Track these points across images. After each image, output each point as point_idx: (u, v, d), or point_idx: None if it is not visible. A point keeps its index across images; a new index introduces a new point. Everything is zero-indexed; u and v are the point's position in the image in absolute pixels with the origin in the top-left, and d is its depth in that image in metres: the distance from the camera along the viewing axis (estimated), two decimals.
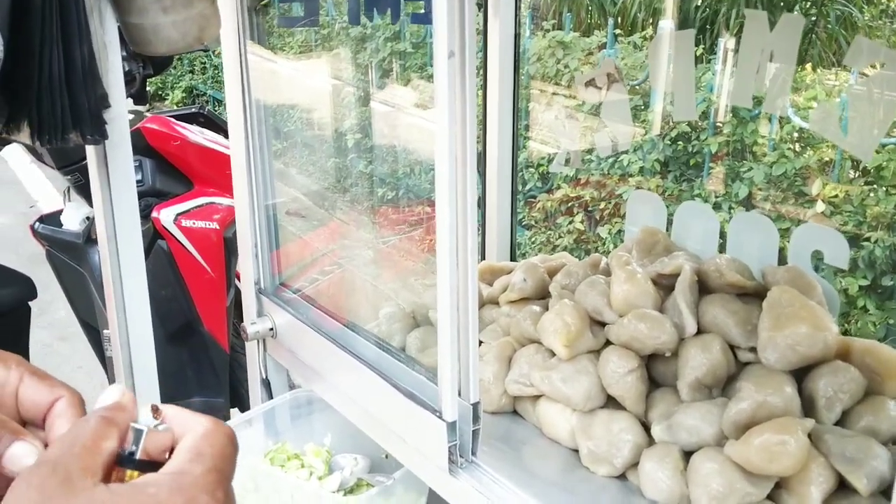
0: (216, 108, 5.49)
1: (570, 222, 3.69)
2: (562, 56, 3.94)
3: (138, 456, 0.41)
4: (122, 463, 0.41)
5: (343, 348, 0.92)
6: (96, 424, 0.42)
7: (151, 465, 0.42)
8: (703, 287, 0.91)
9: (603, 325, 0.91)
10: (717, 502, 0.74)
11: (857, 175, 3.07)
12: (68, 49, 0.76)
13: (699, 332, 0.87)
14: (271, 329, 1.05)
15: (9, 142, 1.41)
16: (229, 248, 2.42)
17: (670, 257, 0.95)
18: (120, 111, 0.91)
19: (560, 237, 3.79)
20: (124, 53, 1.07)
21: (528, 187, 3.83)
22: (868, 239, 2.77)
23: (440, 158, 0.69)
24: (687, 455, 0.79)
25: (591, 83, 1.13)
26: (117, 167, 0.95)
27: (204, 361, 2.41)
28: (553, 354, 0.90)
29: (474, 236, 0.71)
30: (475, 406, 0.77)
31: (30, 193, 5.09)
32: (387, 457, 0.97)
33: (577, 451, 0.86)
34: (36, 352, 2.31)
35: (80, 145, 2.33)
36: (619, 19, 4.63)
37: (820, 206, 2.91)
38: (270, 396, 1.10)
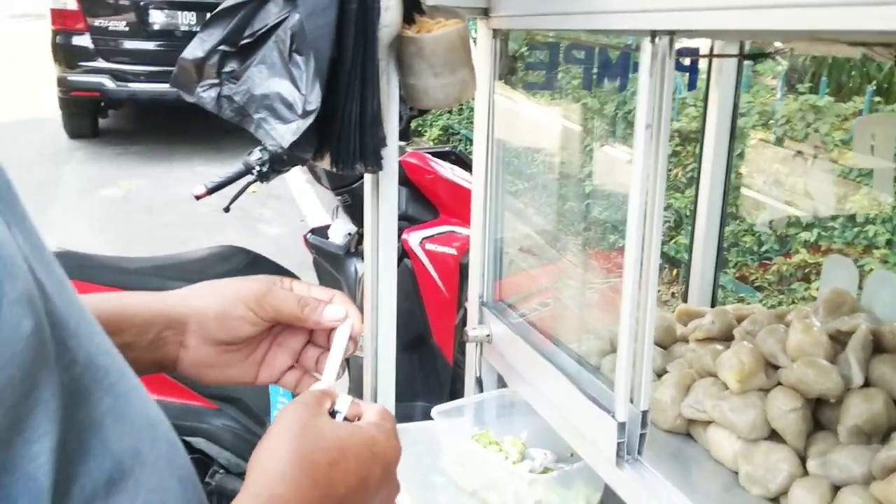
0: (467, 147, 5.94)
1: (806, 289, 3.58)
2: (812, 120, 3.85)
3: (343, 416, 0.60)
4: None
5: (546, 358, 1.11)
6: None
7: None
8: (878, 347, 0.99)
9: (776, 368, 1.01)
10: None
11: None
12: (364, 101, 1.03)
13: (867, 385, 0.95)
14: (488, 335, 1.26)
15: (301, 163, 1.72)
16: (463, 273, 2.70)
17: (852, 317, 1.04)
18: (393, 150, 1.17)
19: (793, 302, 3.69)
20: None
21: (763, 248, 3.78)
22: None
23: (631, 212, 0.86)
24: (835, 489, 0.88)
25: (798, 154, 1.23)
26: (386, 193, 1.21)
27: (430, 370, 2.69)
28: (727, 388, 1.03)
29: (656, 269, 0.87)
30: (644, 413, 0.92)
31: (301, 209, 5.80)
32: (572, 455, 1.13)
33: (736, 473, 0.97)
34: None
35: (354, 173, 2.74)
36: (885, 86, 4.41)
37: None
38: (481, 392, 1.31)
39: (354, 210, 2.82)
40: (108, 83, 6.72)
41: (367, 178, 1.24)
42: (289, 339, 0.73)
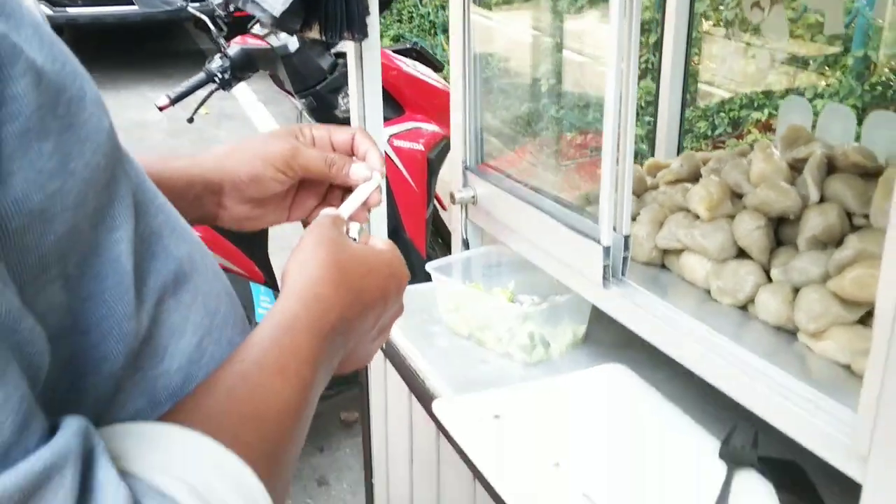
0: None
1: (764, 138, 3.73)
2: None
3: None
4: None
5: (533, 206, 1.20)
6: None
7: None
8: (832, 169, 1.09)
9: (741, 197, 1.12)
10: (814, 321, 0.94)
11: None
12: None
13: (822, 201, 1.06)
14: (473, 196, 1.35)
15: (290, 32, 1.71)
16: (431, 167, 2.77)
17: (807, 146, 1.14)
18: (374, 20, 1.23)
19: None
20: None
21: (717, 132, 3.90)
22: None
23: (609, 55, 0.94)
24: (796, 291, 1.00)
25: (756, 4, 1.31)
26: (369, 62, 1.27)
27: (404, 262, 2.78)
28: (697, 218, 1.13)
29: (632, 116, 0.96)
30: (626, 238, 1.02)
31: (256, 127, 5.76)
32: (559, 295, 1.24)
33: (708, 291, 1.08)
34: (276, 245, 2.74)
35: (315, 73, 2.75)
36: None
37: None
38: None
39: (319, 113, 2.86)
40: (44, 9, 6.50)
41: (350, 51, 1.29)
42: (315, 182, 0.78)
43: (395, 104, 2.74)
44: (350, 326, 0.60)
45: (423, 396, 1.15)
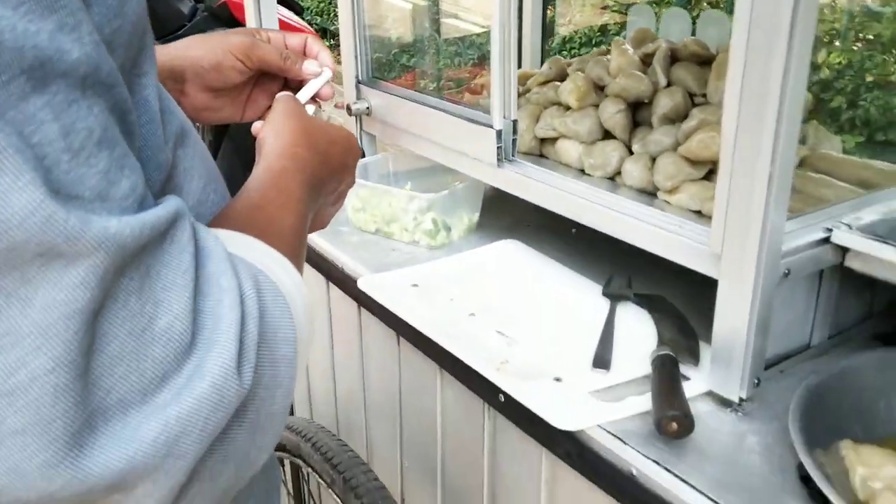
0: None
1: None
2: None
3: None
4: None
5: (426, 105, 1.34)
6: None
7: None
8: (675, 59, 1.31)
9: (603, 88, 1.32)
10: (669, 180, 1.15)
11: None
12: None
13: (669, 86, 1.27)
14: (368, 107, 1.48)
15: None
16: None
17: (654, 43, 1.35)
18: None
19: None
20: None
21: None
22: (864, 99, 3.10)
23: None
24: (653, 160, 1.21)
25: None
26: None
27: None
28: (568, 109, 1.32)
29: (514, 18, 1.12)
30: (514, 122, 1.20)
31: None
32: (457, 183, 1.40)
33: (582, 170, 1.28)
34: None
35: (175, 18, 2.75)
36: None
37: (825, 73, 3.22)
38: None
39: None
40: None
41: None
42: (268, 83, 0.86)
43: None
44: (320, 184, 0.69)
45: (343, 280, 1.29)
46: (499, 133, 1.19)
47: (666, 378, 0.90)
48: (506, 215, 1.45)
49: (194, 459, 0.43)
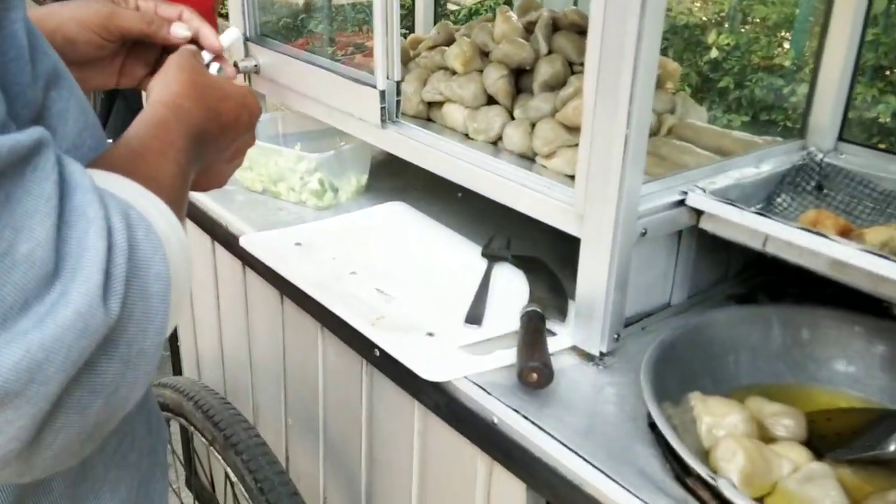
0: None
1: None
2: None
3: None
4: None
5: (313, 65, 1.34)
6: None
7: None
8: (556, 28, 1.35)
9: (488, 55, 1.34)
10: (547, 145, 1.19)
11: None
12: None
13: (550, 54, 1.31)
14: (256, 65, 1.47)
15: None
16: None
17: (537, 11, 1.38)
18: None
19: None
20: None
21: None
22: (750, 80, 3.25)
23: None
24: (533, 126, 1.25)
25: None
26: None
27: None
28: (454, 73, 1.34)
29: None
30: (398, 83, 1.21)
31: None
32: (343, 144, 1.41)
33: (466, 134, 1.30)
34: None
35: None
36: None
37: (714, 53, 3.36)
38: None
39: None
40: None
41: None
42: (143, 51, 0.82)
43: None
44: (208, 140, 0.67)
45: (228, 239, 1.29)
46: (382, 94, 1.20)
47: (530, 332, 0.95)
48: (395, 178, 1.47)
49: (58, 387, 0.43)
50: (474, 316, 1.03)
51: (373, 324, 1.00)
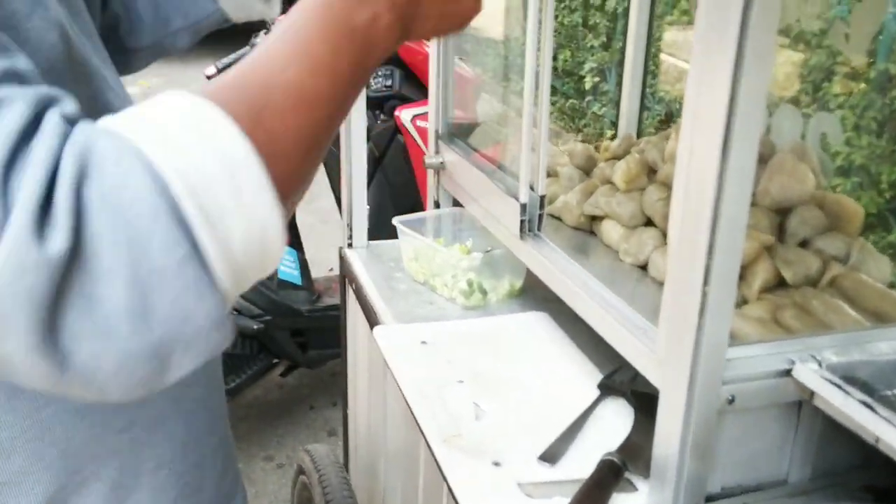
0: None
1: None
2: None
3: None
4: None
5: (476, 167, 1.38)
6: None
7: None
8: None
9: (656, 173, 1.28)
10: None
11: None
12: None
13: None
14: (442, 162, 1.54)
15: None
16: None
17: None
18: None
19: None
20: None
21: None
22: None
23: (529, 40, 1.11)
24: None
25: None
26: None
27: None
28: (619, 190, 1.29)
29: (547, 91, 1.13)
30: (542, 197, 1.20)
31: None
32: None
33: (619, 252, 1.25)
34: (302, 231, 2.96)
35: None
36: None
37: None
38: None
39: None
40: None
41: None
42: None
43: (421, 86, 2.92)
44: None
45: (373, 325, 1.35)
46: (523, 206, 1.20)
47: (592, 484, 0.87)
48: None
49: (20, 321, 0.42)
50: (551, 453, 0.97)
51: (445, 440, 0.99)
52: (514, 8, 1.68)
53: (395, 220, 1.48)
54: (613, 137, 1.67)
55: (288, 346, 2.67)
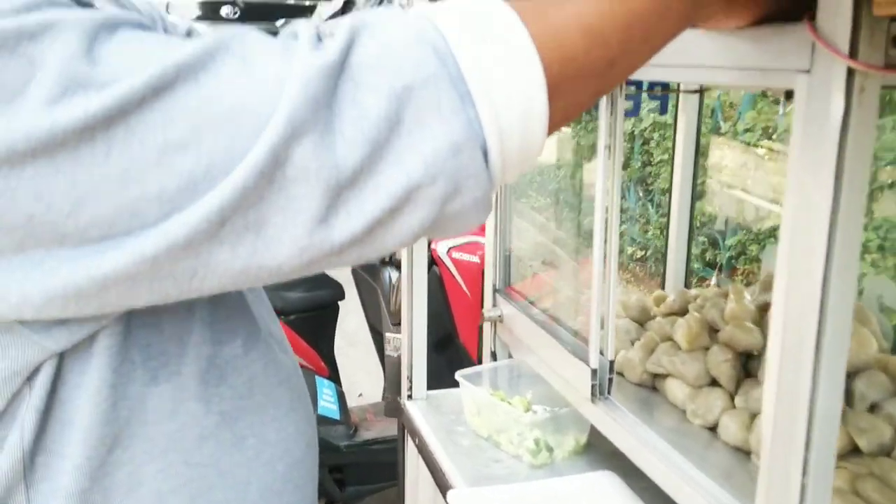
0: None
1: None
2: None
3: None
4: None
5: (540, 326, 1.42)
6: None
7: None
8: None
9: (717, 331, 1.32)
10: None
11: None
12: None
13: None
14: (500, 315, 1.58)
15: None
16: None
17: None
18: None
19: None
20: None
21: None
22: None
23: (598, 211, 1.18)
24: (753, 417, 1.18)
25: None
26: None
27: (457, 367, 3.01)
28: (680, 348, 1.33)
29: (616, 250, 1.19)
30: (611, 362, 1.24)
31: None
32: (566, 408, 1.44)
33: (685, 411, 1.27)
34: (342, 341, 2.99)
35: None
36: None
37: None
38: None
39: None
40: None
41: None
42: None
43: None
44: None
45: (443, 487, 1.36)
46: (594, 372, 1.24)
47: None
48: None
49: (308, 119, 0.49)
50: None
51: None
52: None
53: (458, 375, 1.51)
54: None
55: (326, 483, 2.66)
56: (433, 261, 2.93)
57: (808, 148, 0.72)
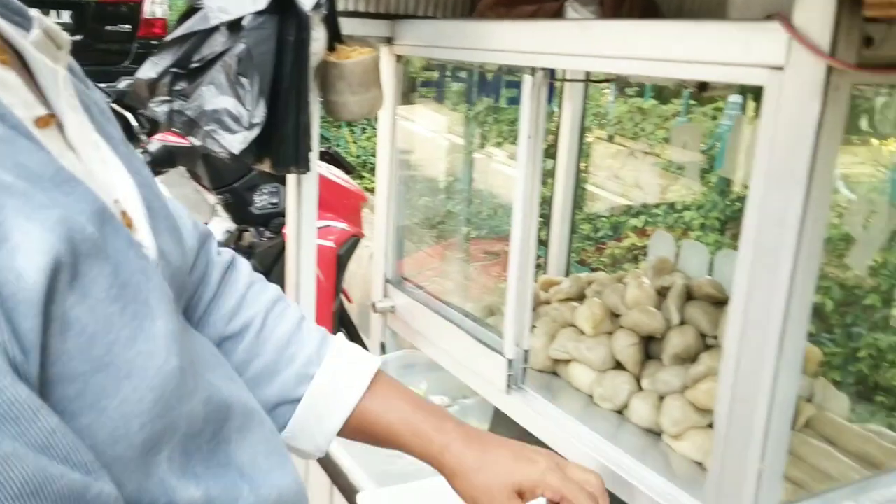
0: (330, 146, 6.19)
1: (636, 268, 4.10)
2: (639, 120, 4.39)
3: None
4: None
5: (442, 316, 1.39)
6: None
7: None
8: (690, 297, 1.34)
9: (618, 316, 1.35)
10: (674, 426, 1.16)
11: None
12: (298, 115, 1.27)
13: (682, 324, 1.30)
14: (392, 306, 1.53)
15: (159, 174, 1.92)
16: (340, 263, 2.94)
17: (671, 276, 1.39)
18: (315, 154, 1.42)
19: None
20: None
21: (599, 234, 4.26)
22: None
23: (517, 202, 1.16)
24: (661, 399, 1.22)
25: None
26: (308, 190, 1.46)
27: None
28: (583, 333, 1.35)
29: (534, 249, 1.18)
30: (526, 352, 1.23)
31: None
32: (464, 397, 1.42)
33: (591, 396, 1.29)
34: None
35: (234, 171, 2.90)
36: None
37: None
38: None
39: (234, 208, 3.00)
40: None
41: (290, 178, 1.48)
42: None
43: None
44: None
45: (347, 490, 1.30)
46: (510, 362, 1.22)
47: None
48: (516, 426, 1.46)
49: None
50: None
51: None
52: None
53: None
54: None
55: None
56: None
57: (780, 143, 0.74)
